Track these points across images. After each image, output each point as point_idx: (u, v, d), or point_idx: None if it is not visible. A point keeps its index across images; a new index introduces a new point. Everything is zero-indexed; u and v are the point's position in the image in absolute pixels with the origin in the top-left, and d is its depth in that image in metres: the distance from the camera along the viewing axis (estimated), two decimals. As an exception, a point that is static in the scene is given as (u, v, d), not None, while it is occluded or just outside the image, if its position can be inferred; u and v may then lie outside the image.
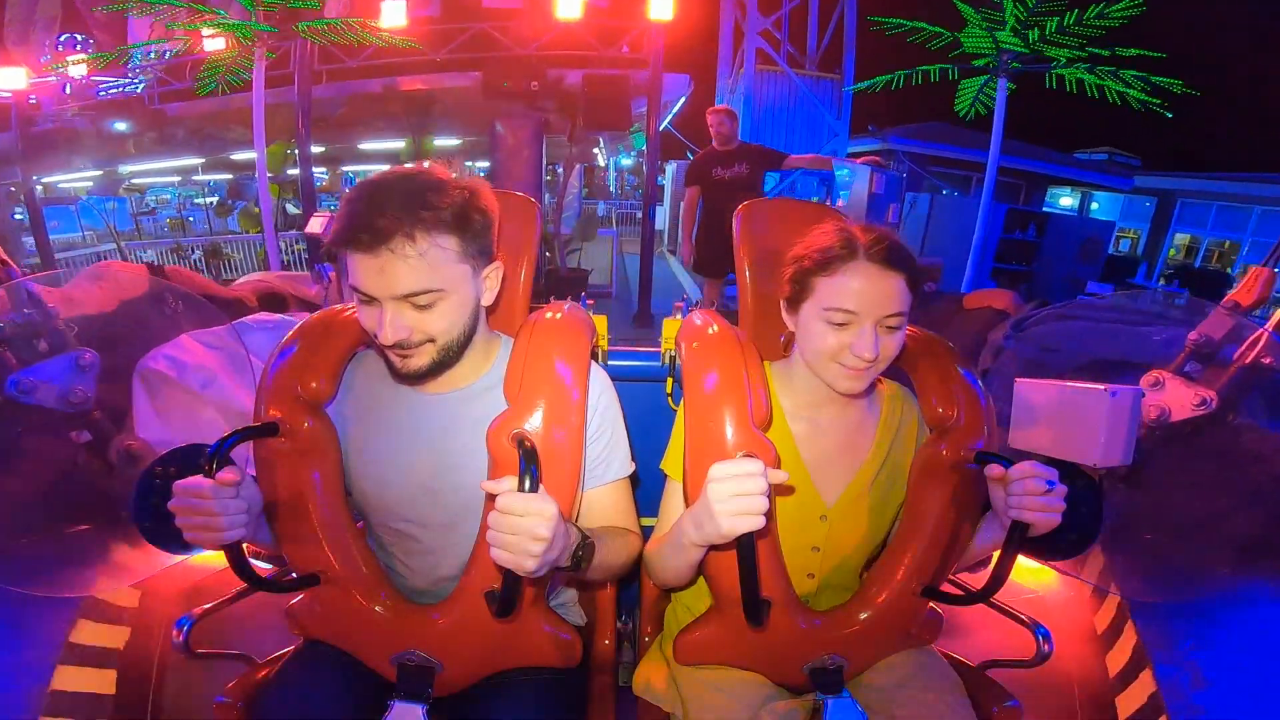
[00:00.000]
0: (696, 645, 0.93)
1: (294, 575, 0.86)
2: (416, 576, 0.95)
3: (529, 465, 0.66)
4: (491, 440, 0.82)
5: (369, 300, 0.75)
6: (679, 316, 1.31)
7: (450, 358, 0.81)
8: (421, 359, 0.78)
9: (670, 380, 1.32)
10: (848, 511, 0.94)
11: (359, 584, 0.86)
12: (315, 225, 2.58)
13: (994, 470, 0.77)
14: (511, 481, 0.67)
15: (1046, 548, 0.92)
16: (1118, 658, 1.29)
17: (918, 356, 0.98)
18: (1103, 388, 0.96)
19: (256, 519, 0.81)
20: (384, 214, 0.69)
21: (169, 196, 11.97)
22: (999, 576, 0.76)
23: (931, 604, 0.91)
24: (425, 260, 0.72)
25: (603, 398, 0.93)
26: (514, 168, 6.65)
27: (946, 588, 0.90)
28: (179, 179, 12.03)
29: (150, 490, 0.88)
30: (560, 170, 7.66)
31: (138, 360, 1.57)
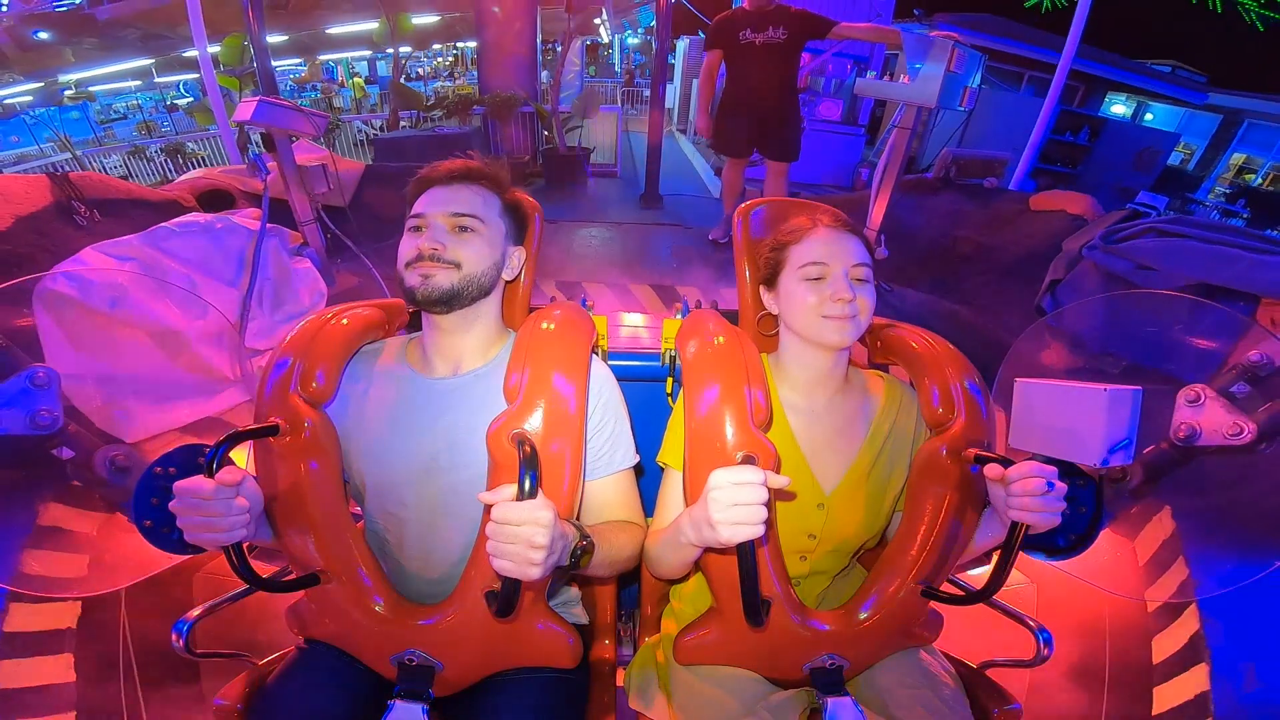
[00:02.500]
0: (696, 645, 0.93)
1: (294, 575, 0.86)
2: (415, 563, 0.95)
3: (528, 470, 0.66)
4: (491, 442, 0.82)
5: (419, 223, 0.91)
6: (679, 316, 1.32)
7: (465, 293, 0.89)
8: (444, 279, 0.87)
9: (670, 380, 1.32)
10: (845, 499, 0.94)
11: (359, 584, 0.86)
12: (243, 111, 2.34)
13: (993, 471, 0.77)
14: (509, 490, 0.67)
15: (1047, 547, 0.92)
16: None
17: (918, 356, 0.98)
18: (1102, 388, 0.96)
19: (257, 519, 0.81)
20: (467, 165, 0.96)
21: (139, 101, 11.03)
22: (999, 576, 0.75)
23: (931, 604, 0.91)
24: (479, 198, 0.94)
25: (604, 390, 0.95)
26: (505, 42, 5.82)
27: (946, 588, 0.90)
28: (138, 83, 10.90)
29: (151, 490, 0.88)
30: (558, 48, 7.16)
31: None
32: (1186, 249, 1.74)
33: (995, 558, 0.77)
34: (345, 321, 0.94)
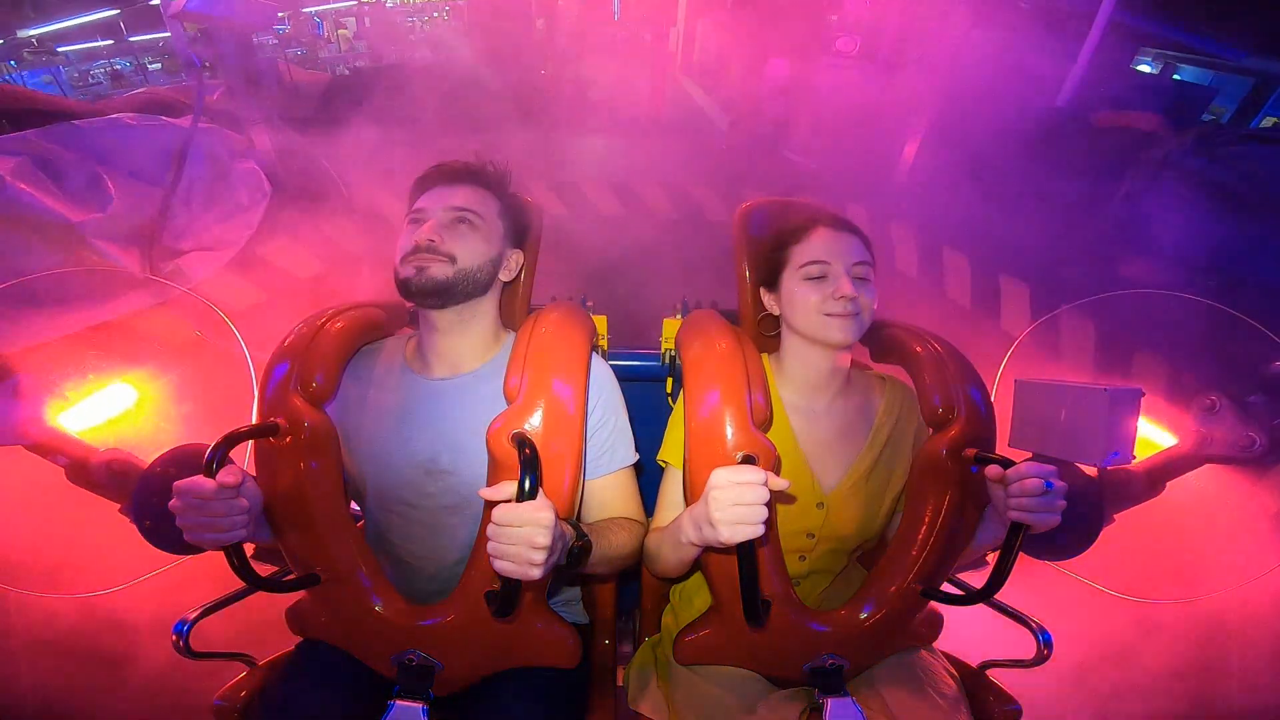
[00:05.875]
0: (697, 645, 0.93)
1: (294, 575, 0.86)
2: (415, 562, 0.95)
3: (529, 471, 0.66)
4: (492, 441, 0.82)
5: (418, 216, 0.92)
6: (679, 316, 1.32)
7: (459, 287, 0.89)
8: (438, 271, 0.88)
9: (670, 380, 1.32)
10: (845, 499, 0.95)
11: (359, 584, 0.86)
12: (179, 2, 2.26)
13: (993, 471, 0.77)
14: (510, 488, 0.67)
15: (1046, 547, 0.92)
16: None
17: (918, 356, 0.98)
18: (1103, 387, 0.96)
19: (257, 519, 0.81)
20: (468, 165, 0.99)
21: (120, 67, 10.51)
22: (999, 576, 0.75)
23: (931, 604, 0.91)
24: (478, 196, 0.95)
25: (604, 389, 0.95)
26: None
27: (946, 588, 0.90)
28: (109, 42, 10.21)
29: (150, 490, 0.88)
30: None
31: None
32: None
33: (995, 558, 0.77)
34: (345, 322, 0.94)
